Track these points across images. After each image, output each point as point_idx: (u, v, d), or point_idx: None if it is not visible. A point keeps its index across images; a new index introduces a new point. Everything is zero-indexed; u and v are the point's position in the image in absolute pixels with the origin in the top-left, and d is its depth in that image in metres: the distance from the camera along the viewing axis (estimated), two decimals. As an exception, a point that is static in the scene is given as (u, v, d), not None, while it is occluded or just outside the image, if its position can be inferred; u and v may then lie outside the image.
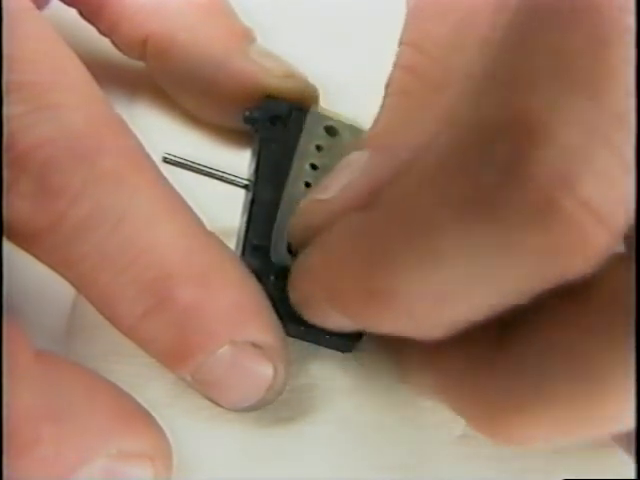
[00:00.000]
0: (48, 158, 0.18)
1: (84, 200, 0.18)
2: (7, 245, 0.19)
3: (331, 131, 0.25)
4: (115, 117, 0.20)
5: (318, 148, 0.24)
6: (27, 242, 0.19)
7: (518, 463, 0.22)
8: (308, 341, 0.22)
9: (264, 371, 0.20)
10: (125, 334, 0.20)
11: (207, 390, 0.20)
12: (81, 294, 0.20)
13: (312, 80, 0.26)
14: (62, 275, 0.19)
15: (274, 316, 0.21)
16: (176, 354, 0.20)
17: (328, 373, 0.22)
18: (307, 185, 0.23)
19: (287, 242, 0.22)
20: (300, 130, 0.24)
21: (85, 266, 0.19)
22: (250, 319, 0.20)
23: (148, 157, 0.20)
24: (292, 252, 0.22)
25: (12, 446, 0.17)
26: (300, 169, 0.24)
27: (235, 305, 0.20)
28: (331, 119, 0.25)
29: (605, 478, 0.21)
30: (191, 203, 0.20)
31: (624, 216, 0.15)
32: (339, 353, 0.23)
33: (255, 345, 0.20)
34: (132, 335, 0.20)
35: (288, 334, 0.21)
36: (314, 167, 0.24)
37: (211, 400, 0.20)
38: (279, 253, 0.22)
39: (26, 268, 0.20)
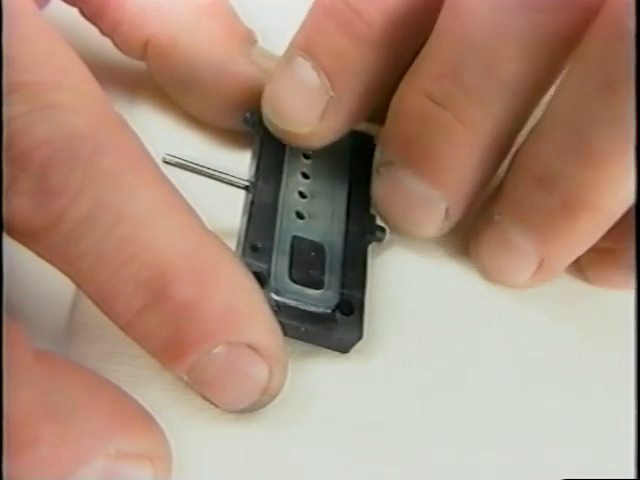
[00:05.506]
0: (46, 159, 0.18)
1: (82, 200, 0.18)
2: (8, 245, 0.19)
3: None
4: (115, 117, 0.20)
5: (306, 157, 0.25)
6: (27, 240, 0.19)
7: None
8: (308, 341, 0.22)
9: (259, 373, 0.20)
10: (123, 330, 0.20)
11: (203, 390, 0.20)
12: (80, 290, 0.20)
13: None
14: (62, 271, 0.19)
15: (272, 318, 0.20)
16: (171, 351, 0.20)
17: (328, 373, 0.22)
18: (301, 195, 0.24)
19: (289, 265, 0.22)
20: None
21: (83, 264, 0.19)
22: (246, 320, 0.20)
23: (148, 156, 0.20)
24: (295, 280, 0.22)
25: (12, 445, 0.17)
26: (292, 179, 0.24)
27: (231, 305, 0.20)
28: None
29: (605, 478, 0.21)
30: (191, 204, 0.20)
31: None
32: (339, 353, 0.23)
33: (251, 347, 0.20)
34: (129, 331, 0.20)
35: (287, 334, 0.21)
36: (305, 176, 0.24)
37: (207, 400, 0.20)
38: (281, 280, 0.22)
39: (26, 268, 0.20)
